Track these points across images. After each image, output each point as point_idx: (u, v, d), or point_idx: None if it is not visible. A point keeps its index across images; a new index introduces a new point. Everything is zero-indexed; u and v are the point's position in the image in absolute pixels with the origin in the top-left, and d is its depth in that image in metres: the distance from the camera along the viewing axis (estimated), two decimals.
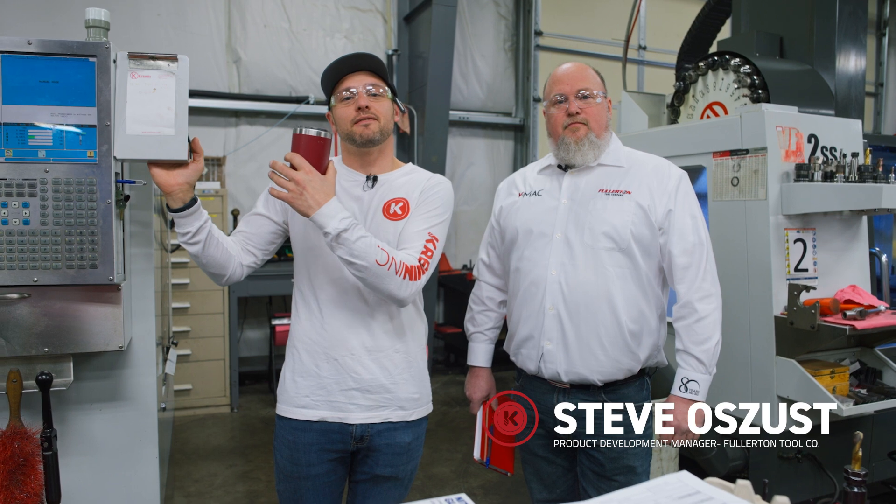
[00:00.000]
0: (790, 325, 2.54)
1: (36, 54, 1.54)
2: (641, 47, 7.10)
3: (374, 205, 1.74)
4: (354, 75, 1.74)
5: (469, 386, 2.12)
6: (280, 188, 1.53)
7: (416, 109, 5.90)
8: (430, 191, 1.76)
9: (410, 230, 1.70)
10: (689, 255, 1.84)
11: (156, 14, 5.31)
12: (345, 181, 1.77)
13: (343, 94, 1.73)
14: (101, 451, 1.79)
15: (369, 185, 1.78)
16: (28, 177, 1.54)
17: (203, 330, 4.71)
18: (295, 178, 1.51)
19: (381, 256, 1.56)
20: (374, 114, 1.72)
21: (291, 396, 1.75)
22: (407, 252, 1.66)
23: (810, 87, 3.19)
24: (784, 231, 2.69)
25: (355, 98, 1.72)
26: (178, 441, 4.18)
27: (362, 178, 1.79)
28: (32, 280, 1.55)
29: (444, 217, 1.77)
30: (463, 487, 3.58)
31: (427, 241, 1.69)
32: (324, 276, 1.72)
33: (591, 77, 1.91)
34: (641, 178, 1.87)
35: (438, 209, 1.75)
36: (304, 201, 1.52)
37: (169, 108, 1.59)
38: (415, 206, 1.74)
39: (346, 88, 1.73)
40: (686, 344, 1.85)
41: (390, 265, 1.57)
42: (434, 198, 1.75)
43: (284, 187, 1.52)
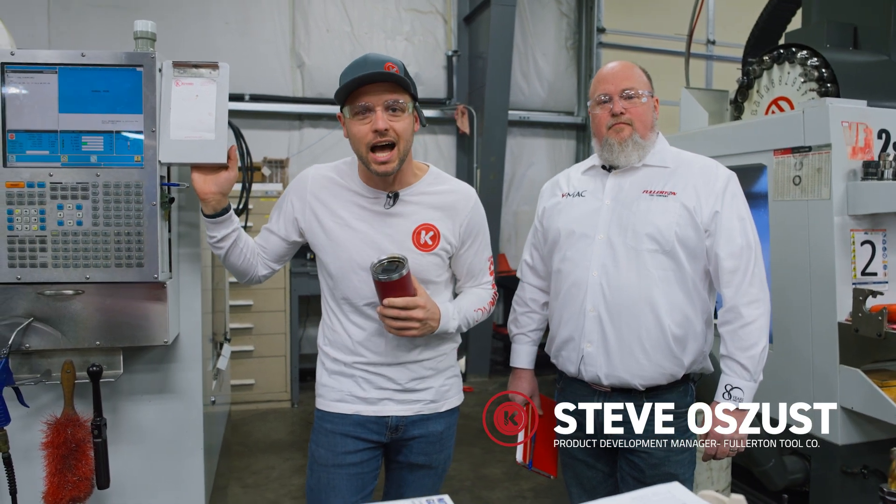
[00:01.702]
0: (855, 333, 2.40)
1: (88, 66, 1.64)
2: (710, 42, 6.85)
3: (402, 230, 1.70)
4: (372, 85, 1.58)
5: (511, 387, 2.10)
6: (394, 329, 1.64)
7: (475, 110, 5.91)
8: (477, 216, 1.82)
9: (478, 264, 1.86)
10: (736, 259, 1.77)
11: (224, 23, 5.55)
12: (361, 198, 1.72)
13: (358, 105, 1.59)
14: (149, 440, 1.88)
15: (390, 203, 1.71)
16: (81, 181, 1.64)
17: (265, 327, 4.88)
18: (417, 317, 1.63)
19: (479, 315, 1.84)
20: (394, 137, 1.59)
21: (329, 391, 1.80)
22: (483, 288, 1.88)
23: (887, 80, 2.99)
24: (850, 232, 2.53)
25: (372, 117, 1.58)
26: (239, 434, 4.34)
27: (382, 195, 1.71)
28: (85, 277, 1.65)
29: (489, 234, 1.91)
30: (513, 490, 3.56)
31: (490, 265, 1.89)
32: (352, 304, 1.75)
33: (637, 76, 1.86)
34: (687, 179, 1.81)
35: (487, 231, 1.88)
36: (429, 329, 1.67)
37: (210, 113, 1.66)
38: (468, 237, 1.79)
39: (362, 103, 1.58)
40: (731, 349, 1.78)
41: (486, 312, 1.87)
42: (483, 223, 1.85)
43: (409, 327, 1.63)
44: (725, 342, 1.79)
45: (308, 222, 1.75)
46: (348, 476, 1.76)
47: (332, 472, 1.76)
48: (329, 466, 1.76)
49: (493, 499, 3.47)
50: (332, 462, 1.76)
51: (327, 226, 1.72)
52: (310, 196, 1.75)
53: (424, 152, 6.14)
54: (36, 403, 1.76)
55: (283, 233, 1.79)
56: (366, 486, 1.79)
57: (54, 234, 1.64)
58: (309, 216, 1.74)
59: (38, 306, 1.65)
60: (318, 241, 1.75)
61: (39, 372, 1.71)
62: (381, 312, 1.63)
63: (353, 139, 1.64)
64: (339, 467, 1.76)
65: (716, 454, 1.81)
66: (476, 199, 1.82)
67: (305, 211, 1.75)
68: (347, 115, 1.63)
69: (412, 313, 1.61)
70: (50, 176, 1.63)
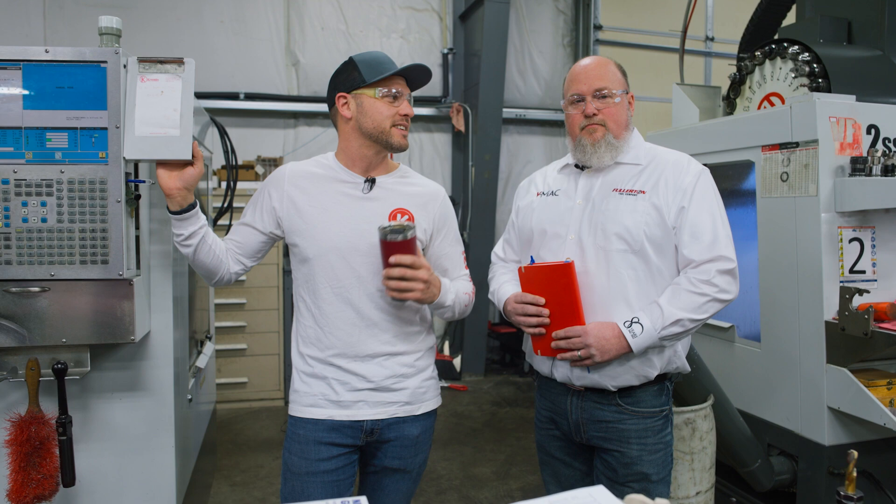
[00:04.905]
0: (841, 332, 2.36)
1: (52, 62, 1.63)
2: (709, 38, 6.80)
3: (379, 213, 1.75)
4: (402, 80, 1.77)
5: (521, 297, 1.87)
6: (399, 291, 1.63)
7: (470, 108, 5.89)
8: (447, 210, 1.89)
9: (455, 257, 1.90)
10: (700, 255, 1.72)
11: (219, 21, 5.54)
12: (341, 184, 1.78)
13: (392, 90, 1.73)
14: (119, 438, 1.88)
15: (368, 188, 1.78)
16: (45, 177, 1.63)
17: (259, 325, 4.87)
18: (422, 278, 1.64)
19: (466, 300, 1.85)
20: (408, 125, 1.79)
21: (301, 396, 1.78)
22: (463, 280, 1.91)
23: (879, 75, 2.94)
24: (838, 229, 2.49)
25: (400, 102, 1.75)
26: (230, 432, 4.34)
27: (360, 179, 1.79)
28: (50, 274, 1.64)
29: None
30: (502, 490, 3.54)
31: (464, 259, 1.93)
32: (328, 288, 1.74)
33: (611, 74, 1.82)
34: (658, 176, 1.78)
35: (457, 228, 1.94)
36: (431, 293, 1.68)
37: (175, 109, 1.65)
38: (440, 228, 1.85)
39: (396, 87, 1.74)
40: (662, 299, 1.70)
41: (470, 301, 1.87)
42: (452, 218, 1.91)
43: (413, 289, 1.63)
44: (666, 293, 1.72)
45: (286, 210, 1.76)
46: (323, 484, 1.73)
47: (306, 480, 1.74)
48: (303, 475, 1.74)
49: (481, 498, 3.44)
50: (306, 470, 1.74)
51: (306, 210, 1.75)
52: (288, 185, 1.77)
53: (420, 150, 6.12)
54: (2, 402, 1.76)
55: (261, 225, 1.79)
56: (342, 494, 1.77)
57: (19, 232, 1.63)
58: (287, 204, 1.76)
59: (2, 304, 1.64)
60: (297, 226, 1.75)
61: (5, 369, 1.70)
62: (388, 274, 1.62)
63: (376, 114, 1.73)
64: (313, 475, 1.73)
65: (571, 350, 1.73)
66: (445, 195, 1.91)
67: (283, 200, 1.77)
68: (374, 93, 1.72)
69: (418, 273, 1.63)
70: (14, 173, 1.62)
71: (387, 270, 1.62)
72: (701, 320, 1.71)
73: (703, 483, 2.35)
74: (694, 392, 2.39)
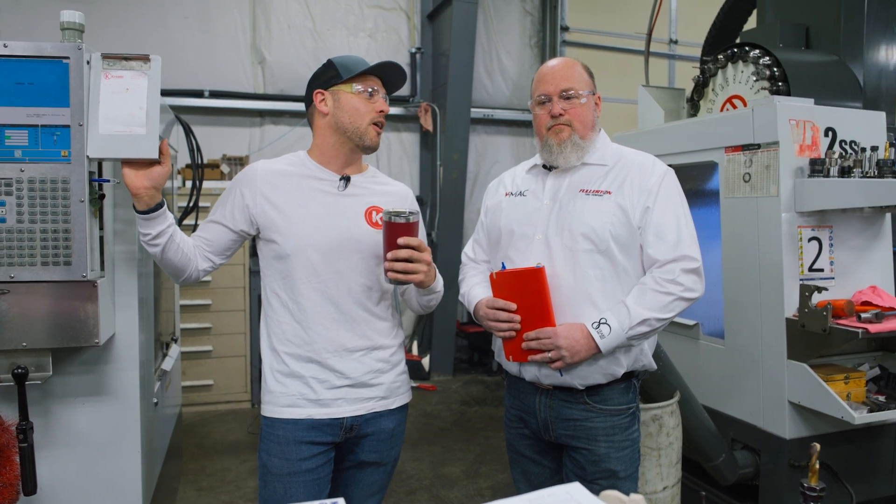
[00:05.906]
0: (801, 328, 2.43)
1: (11, 57, 1.58)
2: (672, 41, 6.92)
3: (355, 210, 1.78)
4: (377, 79, 1.81)
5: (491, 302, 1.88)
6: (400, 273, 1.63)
7: (438, 107, 5.89)
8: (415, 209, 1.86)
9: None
10: (664, 255, 1.75)
11: (183, 17, 5.43)
12: (317, 181, 1.79)
13: (369, 88, 1.77)
14: (83, 443, 1.83)
15: (343, 186, 1.80)
16: (4, 176, 1.58)
17: (224, 327, 4.80)
18: (427, 260, 1.67)
19: (441, 289, 1.85)
20: (383, 123, 1.83)
21: (277, 396, 1.75)
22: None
23: (836, 79, 3.04)
24: (797, 229, 2.57)
25: (378, 100, 1.79)
26: (195, 436, 4.26)
27: (335, 177, 1.80)
28: (9, 276, 1.59)
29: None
30: (472, 488, 3.55)
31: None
32: (308, 284, 1.73)
33: (577, 75, 1.85)
34: (624, 176, 1.81)
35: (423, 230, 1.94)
36: (430, 278, 1.71)
37: (140, 107, 1.61)
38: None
39: (372, 84, 1.78)
40: (632, 299, 1.73)
41: (440, 292, 1.87)
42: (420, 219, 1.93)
43: (418, 270, 1.65)
44: (633, 292, 1.74)
45: (260, 207, 1.75)
46: (305, 483, 1.73)
47: (288, 480, 1.72)
48: (284, 475, 1.72)
49: (451, 498, 3.45)
50: (288, 470, 1.72)
51: (283, 207, 1.74)
52: (261, 184, 1.76)
53: (388, 149, 6.10)
54: None
55: (231, 223, 1.77)
56: (322, 491, 1.76)
57: None
58: (261, 202, 1.75)
59: None
60: (273, 223, 1.74)
61: None
62: (395, 255, 1.62)
63: (353, 112, 1.76)
64: (294, 475, 1.72)
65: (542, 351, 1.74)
66: (413, 196, 1.96)
67: (257, 198, 1.75)
68: (351, 89, 1.76)
69: (423, 255, 1.65)
70: None
71: (393, 252, 1.63)
72: (667, 319, 1.74)
73: (670, 478, 2.40)
74: (661, 389, 2.43)
